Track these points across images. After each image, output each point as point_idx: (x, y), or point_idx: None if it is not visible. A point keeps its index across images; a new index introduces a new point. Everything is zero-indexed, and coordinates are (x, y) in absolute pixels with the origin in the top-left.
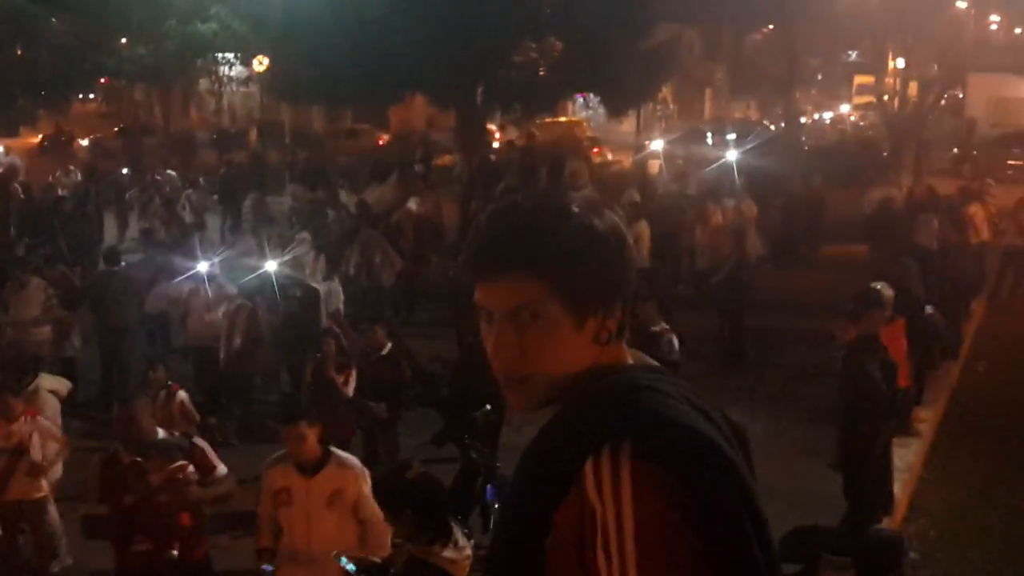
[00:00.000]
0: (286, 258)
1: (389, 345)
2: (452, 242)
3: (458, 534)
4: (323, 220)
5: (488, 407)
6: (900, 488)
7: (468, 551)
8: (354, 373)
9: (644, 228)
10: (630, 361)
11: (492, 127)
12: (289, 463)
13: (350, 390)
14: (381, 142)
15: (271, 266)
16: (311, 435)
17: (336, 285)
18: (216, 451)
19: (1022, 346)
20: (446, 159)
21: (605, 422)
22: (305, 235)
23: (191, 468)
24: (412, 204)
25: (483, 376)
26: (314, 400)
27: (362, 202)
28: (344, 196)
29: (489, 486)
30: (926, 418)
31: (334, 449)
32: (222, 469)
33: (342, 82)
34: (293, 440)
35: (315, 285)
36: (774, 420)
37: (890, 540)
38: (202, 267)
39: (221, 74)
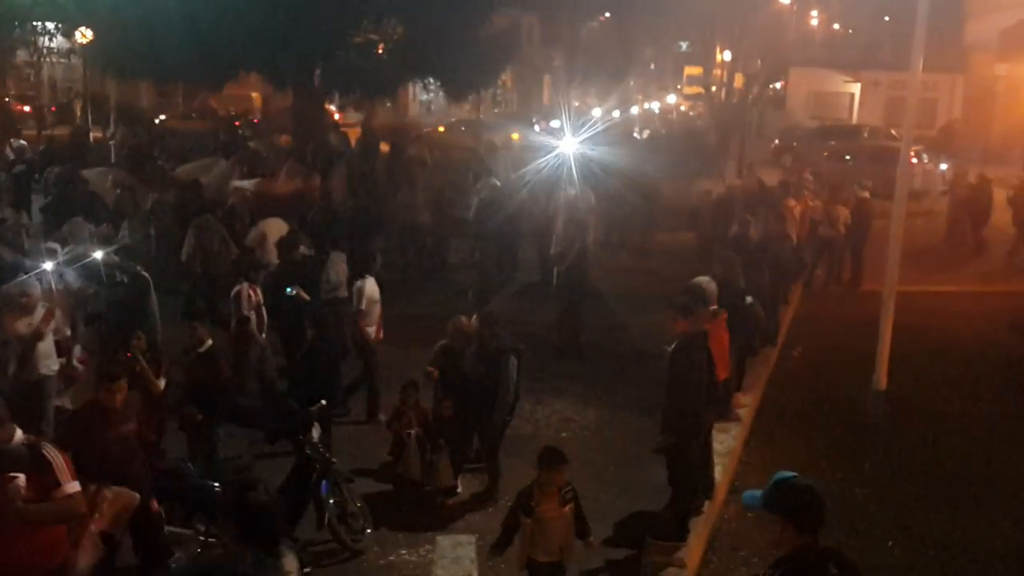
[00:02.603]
0: (115, 247)
1: (209, 342)
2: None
3: (287, 554)
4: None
5: (323, 402)
6: (721, 472)
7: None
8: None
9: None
10: None
11: (332, 108)
12: None
13: (161, 387)
14: (237, 123)
15: (98, 254)
16: None
17: None
18: None
19: (834, 331)
20: (285, 140)
21: None
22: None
23: (20, 481)
24: (247, 185)
25: (320, 372)
26: None
27: (196, 183)
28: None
29: (324, 482)
30: (746, 403)
31: None
32: (70, 487)
33: (172, 57)
34: None
35: (144, 273)
36: (608, 407)
37: None
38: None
39: (40, 45)
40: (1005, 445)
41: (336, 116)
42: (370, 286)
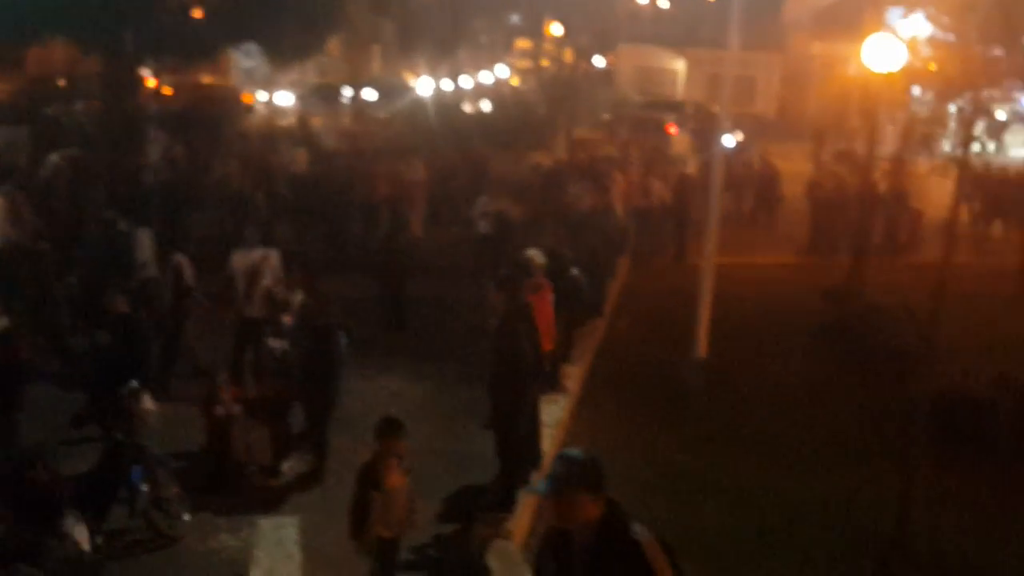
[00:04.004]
0: None
1: (4, 321)
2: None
3: (71, 529)
4: None
5: (135, 384)
6: (549, 443)
7: (80, 544)
8: None
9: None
10: None
11: (146, 74)
12: None
13: None
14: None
15: None
16: None
17: None
18: None
19: (658, 303)
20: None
21: None
22: None
23: None
24: (55, 158)
25: (131, 352)
26: None
27: None
28: None
29: (136, 467)
30: (573, 374)
31: None
32: None
33: None
34: None
35: None
36: (435, 381)
37: None
38: None
39: None
40: (813, 407)
41: (152, 82)
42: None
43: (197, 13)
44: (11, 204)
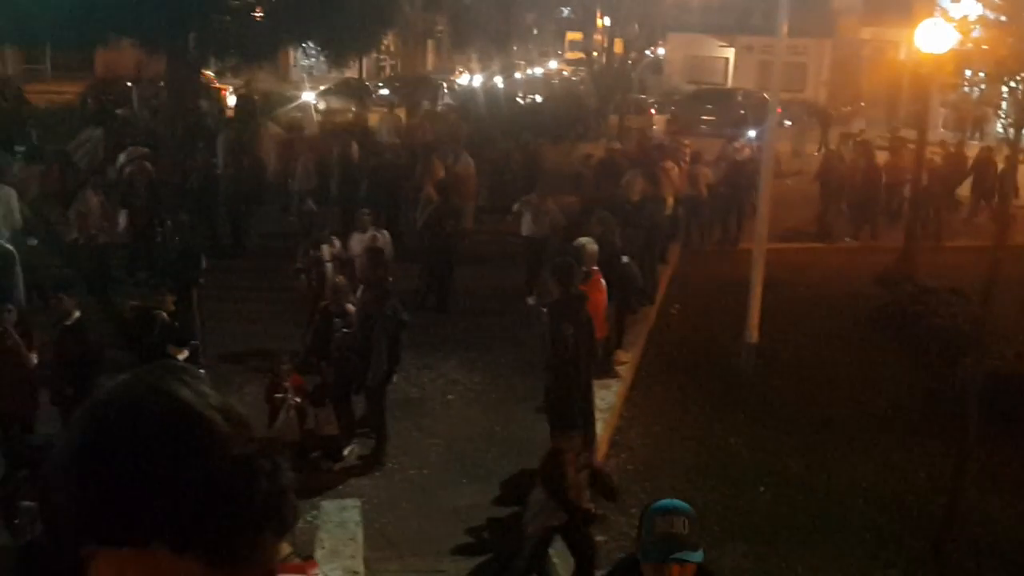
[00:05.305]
0: None
1: (76, 314)
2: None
3: None
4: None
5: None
6: (602, 428)
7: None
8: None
9: None
10: None
11: (210, 74)
12: None
13: (32, 361)
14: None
15: None
16: None
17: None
18: None
19: (710, 289)
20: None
21: None
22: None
23: None
24: (124, 157)
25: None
26: None
27: (64, 154)
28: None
29: None
30: (626, 360)
31: None
32: None
33: (40, 20)
34: None
35: (9, 246)
36: (490, 369)
37: None
38: None
39: None
40: (866, 391)
41: (214, 83)
42: None
43: (258, 14)
44: (101, 202)
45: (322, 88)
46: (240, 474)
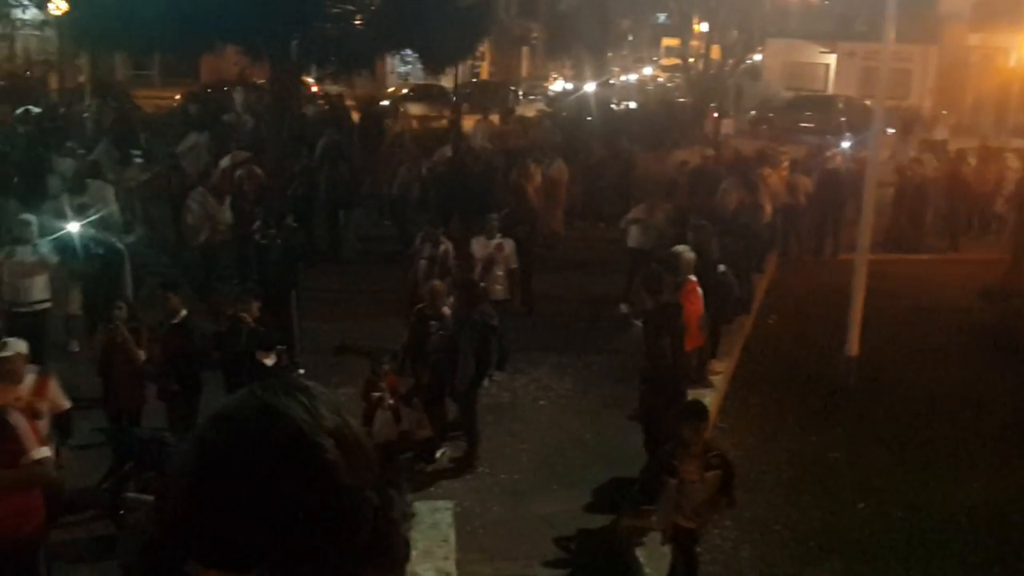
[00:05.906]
0: (92, 218)
1: (183, 312)
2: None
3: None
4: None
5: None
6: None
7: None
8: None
9: None
10: None
11: (310, 80)
12: None
13: (141, 356)
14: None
15: (74, 226)
16: None
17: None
18: None
19: (808, 300)
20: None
21: None
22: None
23: None
24: (226, 161)
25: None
26: (104, 366)
27: (173, 157)
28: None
29: None
30: (721, 370)
31: None
32: (38, 452)
33: (148, 28)
34: None
35: (120, 245)
36: (582, 375)
37: None
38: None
39: (13, 17)
40: (972, 409)
41: (314, 88)
42: None
43: (357, 22)
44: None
45: (403, 92)
46: (346, 506)
